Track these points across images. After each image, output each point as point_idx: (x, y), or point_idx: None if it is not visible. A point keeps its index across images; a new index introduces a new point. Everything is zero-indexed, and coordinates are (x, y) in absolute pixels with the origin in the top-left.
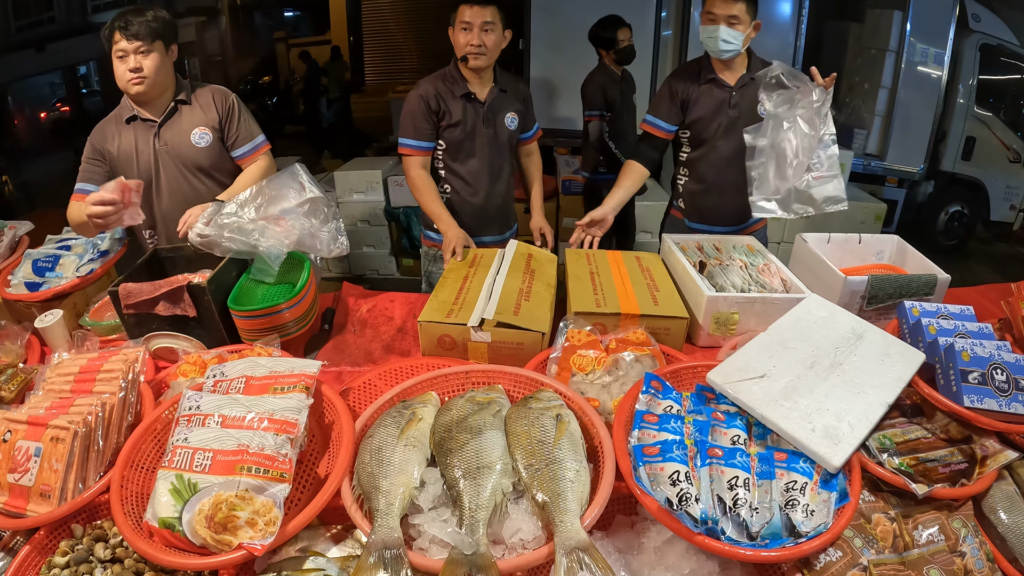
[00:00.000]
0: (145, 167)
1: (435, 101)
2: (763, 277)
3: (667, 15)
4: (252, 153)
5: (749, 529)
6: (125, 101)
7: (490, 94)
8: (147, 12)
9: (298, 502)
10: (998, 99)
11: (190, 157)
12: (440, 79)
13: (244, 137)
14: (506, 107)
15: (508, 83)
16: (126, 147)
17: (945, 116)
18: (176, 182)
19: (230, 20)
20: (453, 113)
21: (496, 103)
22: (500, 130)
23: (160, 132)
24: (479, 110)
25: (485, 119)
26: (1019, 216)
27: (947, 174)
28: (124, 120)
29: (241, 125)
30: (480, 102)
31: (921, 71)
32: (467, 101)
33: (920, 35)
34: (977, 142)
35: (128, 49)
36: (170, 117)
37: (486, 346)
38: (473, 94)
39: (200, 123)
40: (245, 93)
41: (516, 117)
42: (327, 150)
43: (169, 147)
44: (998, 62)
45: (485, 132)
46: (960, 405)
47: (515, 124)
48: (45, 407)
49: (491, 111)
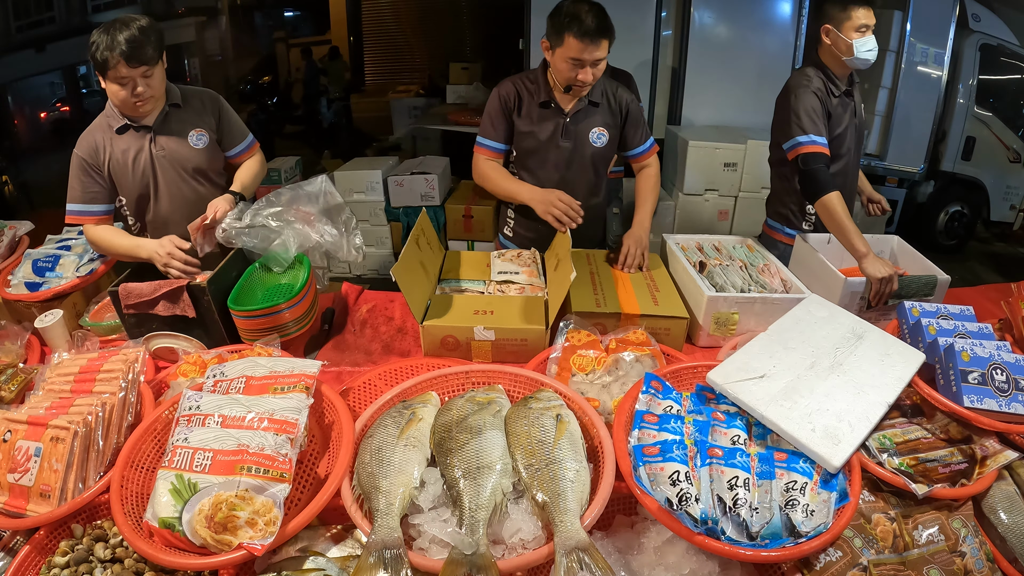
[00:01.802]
0: (142, 174)
1: (514, 101)
2: (763, 277)
3: (667, 15)
4: (246, 151)
5: (749, 529)
6: (112, 110)
7: (576, 105)
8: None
9: (298, 502)
10: (998, 99)
11: (189, 159)
12: (525, 78)
13: (237, 136)
14: (594, 122)
15: (605, 94)
16: (120, 156)
17: (945, 116)
18: (175, 186)
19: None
20: (528, 119)
21: (582, 115)
22: (582, 146)
23: (156, 138)
24: (559, 122)
25: (565, 132)
26: (1019, 216)
27: (947, 174)
28: (115, 130)
29: (233, 125)
30: (563, 112)
31: (921, 71)
32: (546, 109)
33: (920, 35)
34: (977, 142)
35: (133, 75)
36: (164, 122)
37: (490, 344)
38: (555, 102)
39: (195, 125)
40: (245, 93)
41: (605, 133)
42: (327, 150)
43: (167, 152)
44: (998, 62)
45: (563, 147)
46: (960, 405)
47: (603, 141)
48: (45, 407)
49: (573, 123)
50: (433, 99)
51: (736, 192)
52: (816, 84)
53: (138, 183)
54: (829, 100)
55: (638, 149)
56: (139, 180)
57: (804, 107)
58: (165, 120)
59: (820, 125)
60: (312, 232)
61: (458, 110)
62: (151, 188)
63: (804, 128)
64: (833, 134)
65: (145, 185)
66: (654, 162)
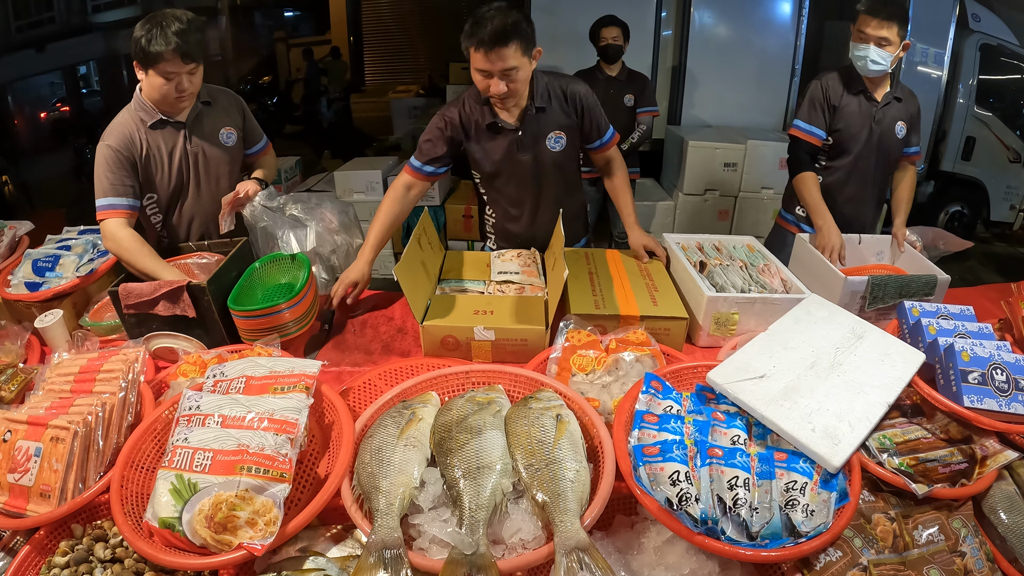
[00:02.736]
0: (176, 170)
1: (460, 130)
2: (763, 277)
3: (667, 15)
4: (264, 149)
5: (749, 529)
6: (143, 103)
7: (522, 116)
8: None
9: (298, 502)
10: (998, 99)
11: (220, 157)
12: (469, 101)
13: (257, 135)
14: (547, 127)
15: (551, 95)
16: (156, 152)
17: (945, 116)
18: (205, 183)
19: (230, 20)
20: (479, 144)
21: (531, 124)
22: (541, 154)
23: (190, 135)
24: (511, 138)
25: (520, 145)
26: (1019, 216)
27: (947, 174)
28: (148, 125)
29: (254, 124)
30: (511, 127)
31: (921, 71)
32: (493, 129)
33: (920, 35)
34: (977, 142)
35: (181, 71)
36: (197, 119)
37: (490, 344)
38: (499, 120)
39: (225, 123)
40: (245, 93)
41: (562, 135)
42: (327, 150)
43: (200, 149)
44: (998, 62)
45: (523, 160)
46: (960, 405)
47: (561, 144)
48: (45, 407)
49: (526, 135)
50: (433, 99)
51: (736, 192)
52: (830, 79)
53: (173, 179)
54: (843, 96)
55: (597, 142)
56: (175, 176)
57: (808, 95)
58: (197, 117)
59: (817, 115)
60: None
61: None
62: (185, 185)
63: (799, 114)
64: (836, 127)
65: (180, 182)
66: (616, 153)
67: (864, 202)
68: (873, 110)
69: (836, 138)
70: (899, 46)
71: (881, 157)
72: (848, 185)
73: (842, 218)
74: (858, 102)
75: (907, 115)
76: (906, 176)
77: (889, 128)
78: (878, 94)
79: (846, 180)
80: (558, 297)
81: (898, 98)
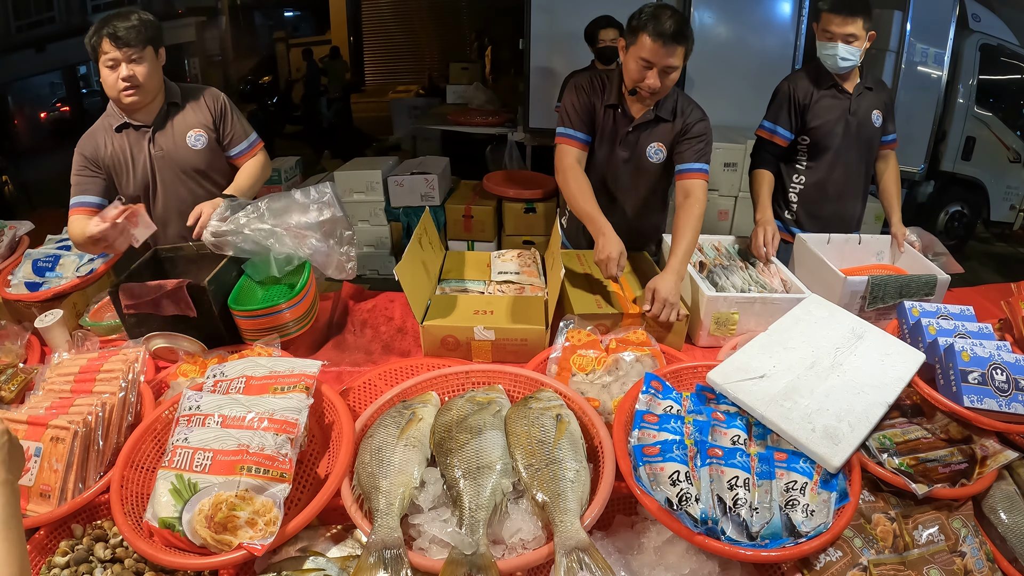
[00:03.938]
0: (141, 174)
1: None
2: (763, 277)
3: None
4: (248, 151)
5: (749, 529)
6: (112, 108)
7: (644, 116)
8: (132, 16)
9: (298, 502)
10: (998, 99)
11: (187, 160)
12: (599, 75)
13: (239, 136)
14: (655, 136)
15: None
16: (119, 155)
17: (945, 116)
18: (173, 186)
19: (230, 20)
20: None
21: (644, 127)
22: (638, 159)
23: (155, 138)
24: (621, 129)
25: (624, 140)
26: (1019, 216)
27: (947, 174)
28: (114, 128)
29: (235, 124)
30: (628, 119)
31: (921, 71)
32: (614, 112)
33: (920, 35)
34: (977, 142)
35: (119, 57)
36: (163, 121)
37: (490, 344)
38: (623, 107)
39: (194, 125)
40: (245, 93)
41: (663, 149)
42: (327, 150)
43: (165, 152)
44: (998, 62)
45: (619, 155)
46: (960, 405)
47: (660, 157)
48: (45, 407)
49: (635, 133)
50: (433, 99)
51: (736, 192)
52: (798, 78)
53: (137, 183)
54: (813, 94)
55: (682, 165)
56: (138, 180)
57: (776, 96)
58: (163, 120)
59: (783, 116)
60: (301, 247)
61: (458, 110)
62: (149, 188)
63: (766, 115)
64: (811, 125)
65: (144, 185)
66: (698, 189)
67: (850, 196)
68: (847, 102)
69: (814, 136)
70: (865, 39)
71: (862, 148)
72: (832, 181)
73: (831, 215)
74: (831, 96)
75: (881, 103)
76: (889, 166)
77: (866, 118)
78: (849, 86)
79: (829, 176)
80: (555, 297)
81: (869, 88)
